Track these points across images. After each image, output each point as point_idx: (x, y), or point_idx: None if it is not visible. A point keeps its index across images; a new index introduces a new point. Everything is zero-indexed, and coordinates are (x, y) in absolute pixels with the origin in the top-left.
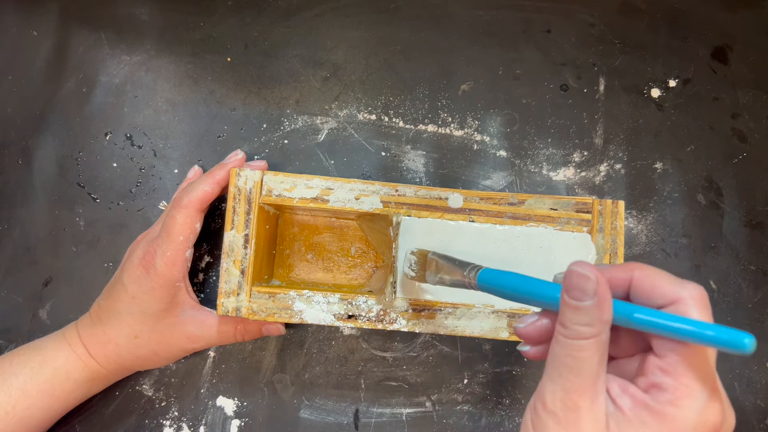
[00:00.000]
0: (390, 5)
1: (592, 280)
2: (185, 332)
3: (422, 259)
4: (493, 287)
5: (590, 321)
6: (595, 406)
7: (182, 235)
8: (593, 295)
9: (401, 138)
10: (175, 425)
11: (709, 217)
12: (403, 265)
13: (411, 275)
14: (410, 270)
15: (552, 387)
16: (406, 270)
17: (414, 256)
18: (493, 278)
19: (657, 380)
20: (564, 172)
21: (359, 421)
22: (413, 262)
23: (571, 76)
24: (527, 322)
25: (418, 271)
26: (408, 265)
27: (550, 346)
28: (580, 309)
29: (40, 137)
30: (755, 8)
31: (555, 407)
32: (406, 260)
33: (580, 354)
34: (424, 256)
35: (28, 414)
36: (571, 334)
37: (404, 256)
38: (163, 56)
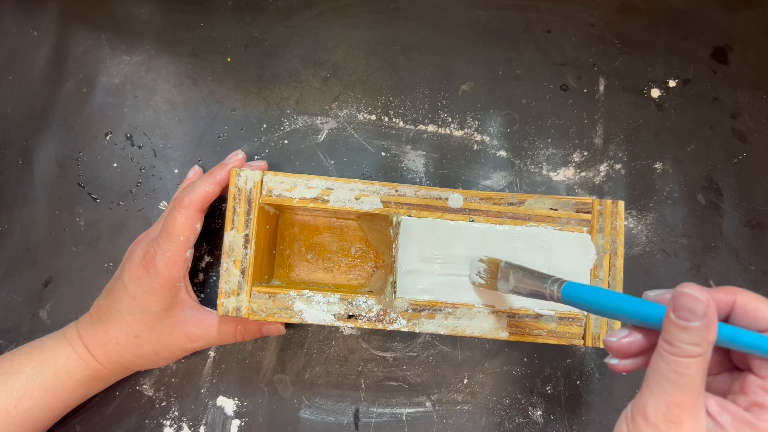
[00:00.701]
0: (390, 5)
1: (702, 302)
2: (185, 332)
3: (493, 268)
4: (580, 301)
5: (697, 341)
6: (696, 422)
7: (183, 235)
8: (702, 317)
9: (401, 138)
10: (175, 425)
11: (709, 217)
12: (470, 272)
13: (479, 282)
14: (478, 277)
15: (654, 401)
16: (473, 277)
17: (484, 263)
18: (581, 293)
19: (759, 399)
20: (564, 172)
21: (359, 421)
22: (482, 269)
23: (571, 76)
24: (619, 336)
25: (488, 279)
26: (476, 272)
27: (652, 361)
28: (688, 329)
29: (40, 137)
30: (755, 8)
31: (657, 420)
32: (473, 266)
33: (686, 371)
34: (496, 264)
35: (29, 414)
36: (678, 351)
37: (471, 262)
38: (163, 56)
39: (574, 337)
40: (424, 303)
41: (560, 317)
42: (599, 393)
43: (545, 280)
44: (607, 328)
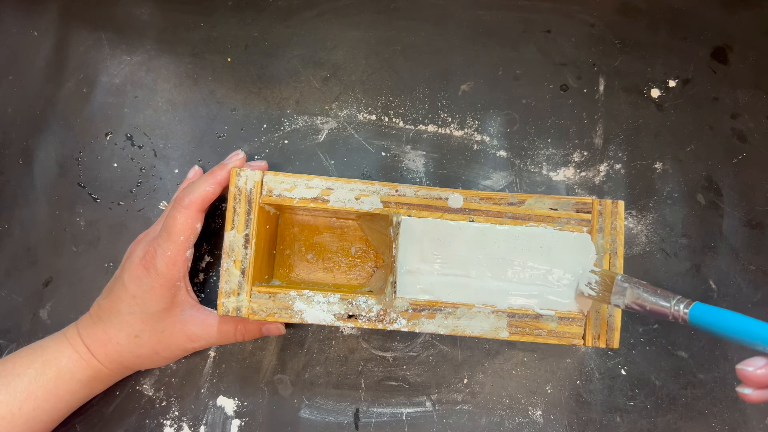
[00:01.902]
0: (390, 5)
1: None
2: (186, 332)
3: (608, 280)
4: (712, 327)
5: None
6: None
7: (183, 235)
8: None
9: (401, 138)
10: (175, 425)
11: (709, 217)
12: (580, 283)
13: (589, 293)
14: (589, 288)
15: None
16: (583, 287)
17: (596, 275)
18: (714, 317)
19: None
20: (564, 172)
21: (359, 420)
22: (594, 281)
23: (571, 76)
24: (756, 365)
25: (601, 292)
26: (586, 283)
27: None
28: None
29: (40, 137)
30: (755, 8)
31: None
32: (584, 277)
33: None
34: (611, 277)
35: (33, 415)
36: None
37: (582, 271)
38: (164, 56)
39: (574, 337)
40: (424, 303)
41: (560, 317)
42: (599, 393)
43: (669, 300)
44: (607, 328)
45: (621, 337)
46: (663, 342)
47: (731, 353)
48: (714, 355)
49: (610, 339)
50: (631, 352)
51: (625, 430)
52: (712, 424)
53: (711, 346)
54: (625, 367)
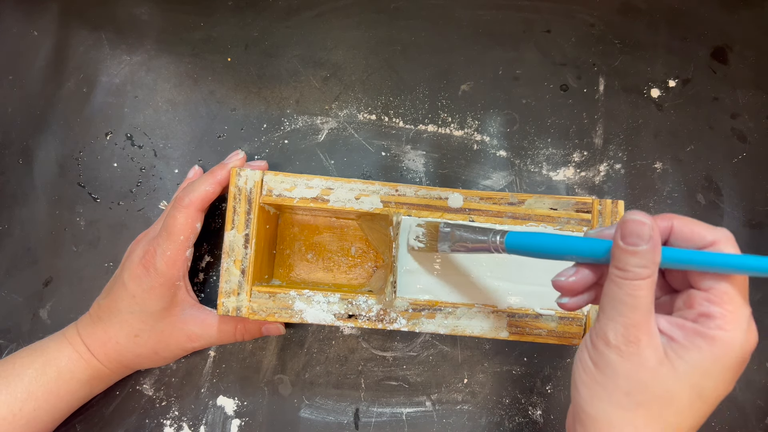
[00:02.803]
0: (390, 5)
1: (648, 225)
2: (185, 331)
3: (432, 230)
4: (525, 249)
5: (645, 263)
6: (652, 338)
7: (183, 235)
8: (648, 240)
9: (401, 138)
10: (175, 425)
11: (709, 217)
12: (408, 237)
13: (418, 246)
14: (417, 242)
15: (613, 325)
16: (411, 242)
17: (421, 228)
18: (525, 240)
19: (705, 310)
20: (564, 172)
21: (359, 420)
22: (421, 234)
23: (571, 76)
24: (567, 275)
25: (428, 241)
26: (414, 237)
27: (606, 290)
28: (636, 253)
29: (40, 137)
30: (755, 8)
31: (618, 342)
32: (411, 232)
33: (638, 293)
34: (435, 226)
35: (34, 416)
36: (630, 275)
37: (408, 227)
38: (164, 56)
39: (574, 337)
40: (424, 302)
41: (560, 317)
42: None
43: (487, 233)
44: None
45: None
46: None
47: None
48: None
49: None
50: None
51: None
52: (712, 424)
53: None
54: None
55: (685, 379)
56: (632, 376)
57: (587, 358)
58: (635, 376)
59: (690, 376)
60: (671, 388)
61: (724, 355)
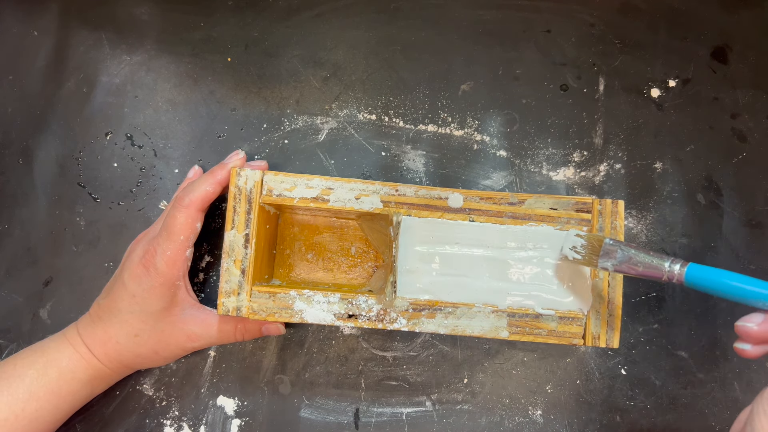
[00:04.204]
0: (390, 5)
1: None
2: (185, 331)
3: (595, 244)
4: (707, 286)
5: None
6: None
7: (183, 235)
8: None
9: (401, 138)
10: (175, 425)
11: (709, 216)
12: (564, 246)
13: (575, 257)
14: (574, 252)
15: None
16: (567, 251)
17: (582, 239)
18: (708, 276)
19: None
20: (564, 171)
21: (359, 420)
22: (580, 245)
23: (571, 76)
24: (756, 321)
25: (588, 255)
26: (571, 246)
27: None
28: None
29: (40, 137)
30: (755, 8)
31: None
32: (568, 241)
33: None
34: (599, 240)
35: (37, 416)
36: None
37: (566, 236)
38: (164, 56)
39: (574, 336)
40: (425, 302)
41: (560, 317)
42: (599, 393)
43: (663, 260)
44: (607, 328)
45: (621, 337)
46: (663, 342)
47: (731, 353)
48: (714, 355)
49: (610, 339)
50: (631, 352)
51: (625, 430)
52: (712, 424)
53: (711, 346)
54: (625, 367)
55: None
56: None
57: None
58: None
59: None
60: None
61: None
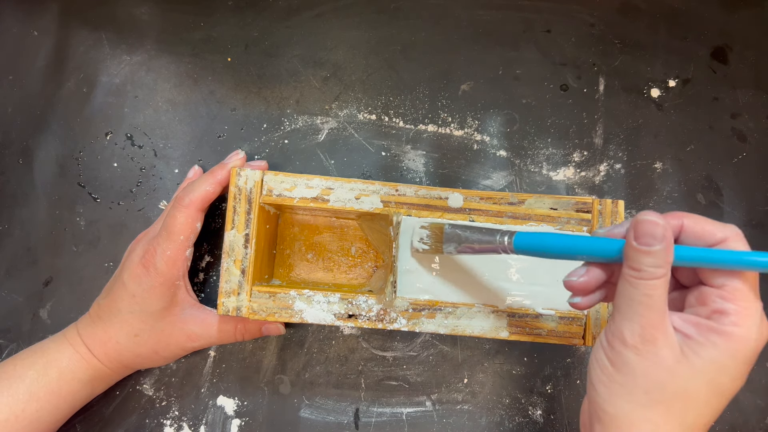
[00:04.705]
0: (390, 5)
1: (661, 225)
2: (185, 331)
3: (437, 232)
4: (534, 250)
5: (659, 263)
6: (668, 337)
7: (183, 235)
8: (662, 240)
9: (401, 138)
10: (175, 425)
11: (709, 216)
12: (412, 239)
13: (423, 248)
14: (421, 243)
15: (630, 325)
16: (416, 244)
17: (426, 229)
18: (534, 240)
19: (718, 307)
20: (564, 171)
21: (359, 420)
22: (425, 235)
23: (571, 76)
24: (579, 275)
25: (433, 243)
26: (418, 239)
27: (620, 289)
28: (650, 253)
29: (40, 137)
30: (755, 8)
31: (635, 341)
32: (415, 234)
33: (653, 292)
34: (440, 228)
35: (37, 416)
36: (644, 275)
37: (411, 229)
38: (164, 56)
39: (574, 336)
40: (425, 302)
41: (560, 317)
42: None
43: (494, 234)
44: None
45: None
46: None
47: None
48: None
49: None
50: None
51: None
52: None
53: None
54: None
55: (702, 376)
56: (650, 375)
57: (604, 357)
58: (653, 375)
59: (707, 372)
60: (689, 385)
61: (740, 350)
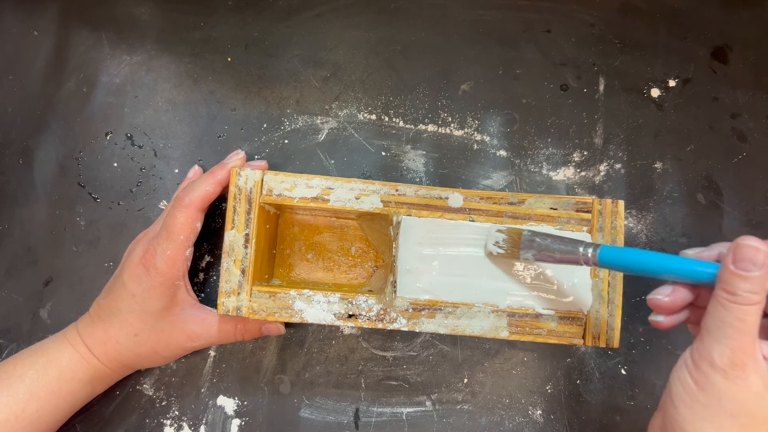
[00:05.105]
0: (390, 5)
1: (763, 252)
2: (185, 331)
3: (514, 237)
4: (621, 265)
5: (756, 289)
6: (758, 364)
7: (183, 234)
8: (762, 266)
9: (401, 138)
10: (175, 424)
11: (709, 216)
12: (487, 242)
13: (498, 252)
14: (496, 247)
15: (720, 348)
16: (490, 247)
17: (503, 233)
18: (622, 255)
19: None
20: (564, 171)
21: (359, 420)
22: (502, 239)
23: (571, 76)
24: (665, 293)
25: (509, 248)
26: (493, 242)
27: (711, 311)
28: (748, 278)
29: (40, 137)
30: (755, 8)
31: (724, 365)
32: (490, 237)
33: (747, 317)
34: (518, 233)
35: (37, 416)
36: (740, 300)
37: (488, 233)
38: (164, 56)
39: (574, 336)
40: (425, 302)
41: (560, 317)
42: (599, 392)
43: (577, 245)
44: (607, 327)
45: (621, 337)
46: (663, 342)
47: None
48: None
49: (610, 339)
50: (631, 352)
51: (625, 430)
52: None
53: None
54: (625, 367)
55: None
56: (738, 400)
57: (688, 377)
58: (741, 400)
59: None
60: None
61: None
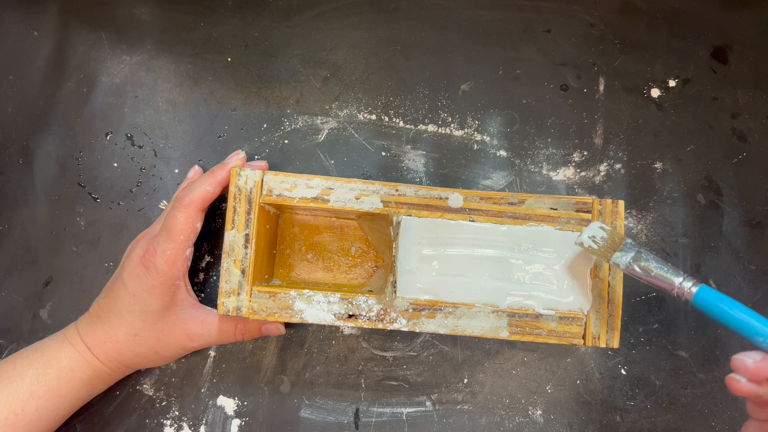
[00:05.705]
0: (390, 5)
1: None
2: (185, 331)
3: (615, 240)
4: (712, 312)
5: None
6: None
7: (183, 234)
8: None
9: (401, 138)
10: (175, 425)
11: (709, 216)
12: (585, 233)
13: (590, 245)
14: (591, 240)
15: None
16: (585, 239)
17: (604, 231)
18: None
19: None
20: (564, 171)
21: (359, 420)
22: (600, 236)
23: (571, 76)
24: (756, 359)
25: (604, 247)
26: (590, 235)
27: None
28: None
29: (40, 137)
30: (755, 8)
31: None
32: (591, 228)
33: None
34: (621, 238)
35: (37, 416)
36: None
37: (590, 226)
38: (164, 56)
39: (574, 336)
40: (425, 302)
41: (560, 317)
42: (599, 393)
43: (678, 275)
44: (607, 328)
45: (621, 337)
46: (663, 342)
47: (731, 353)
48: (714, 355)
49: (610, 339)
50: (631, 352)
51: (625, 430)
52: (712, 424)
53: (711, 346)
54: (625, 367)
55: None
56: None
57: None
58: None
59: None
60: None
61: None
